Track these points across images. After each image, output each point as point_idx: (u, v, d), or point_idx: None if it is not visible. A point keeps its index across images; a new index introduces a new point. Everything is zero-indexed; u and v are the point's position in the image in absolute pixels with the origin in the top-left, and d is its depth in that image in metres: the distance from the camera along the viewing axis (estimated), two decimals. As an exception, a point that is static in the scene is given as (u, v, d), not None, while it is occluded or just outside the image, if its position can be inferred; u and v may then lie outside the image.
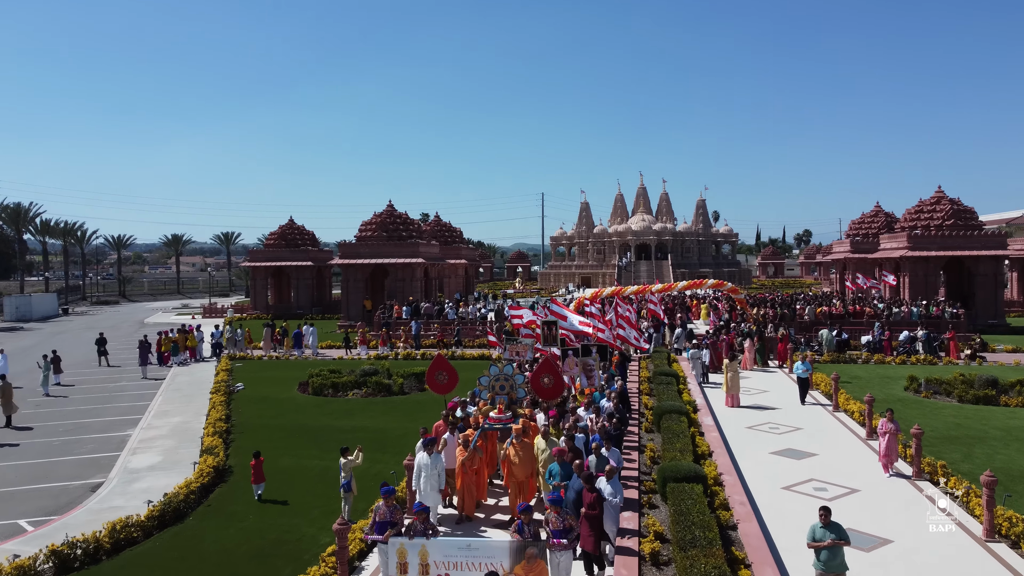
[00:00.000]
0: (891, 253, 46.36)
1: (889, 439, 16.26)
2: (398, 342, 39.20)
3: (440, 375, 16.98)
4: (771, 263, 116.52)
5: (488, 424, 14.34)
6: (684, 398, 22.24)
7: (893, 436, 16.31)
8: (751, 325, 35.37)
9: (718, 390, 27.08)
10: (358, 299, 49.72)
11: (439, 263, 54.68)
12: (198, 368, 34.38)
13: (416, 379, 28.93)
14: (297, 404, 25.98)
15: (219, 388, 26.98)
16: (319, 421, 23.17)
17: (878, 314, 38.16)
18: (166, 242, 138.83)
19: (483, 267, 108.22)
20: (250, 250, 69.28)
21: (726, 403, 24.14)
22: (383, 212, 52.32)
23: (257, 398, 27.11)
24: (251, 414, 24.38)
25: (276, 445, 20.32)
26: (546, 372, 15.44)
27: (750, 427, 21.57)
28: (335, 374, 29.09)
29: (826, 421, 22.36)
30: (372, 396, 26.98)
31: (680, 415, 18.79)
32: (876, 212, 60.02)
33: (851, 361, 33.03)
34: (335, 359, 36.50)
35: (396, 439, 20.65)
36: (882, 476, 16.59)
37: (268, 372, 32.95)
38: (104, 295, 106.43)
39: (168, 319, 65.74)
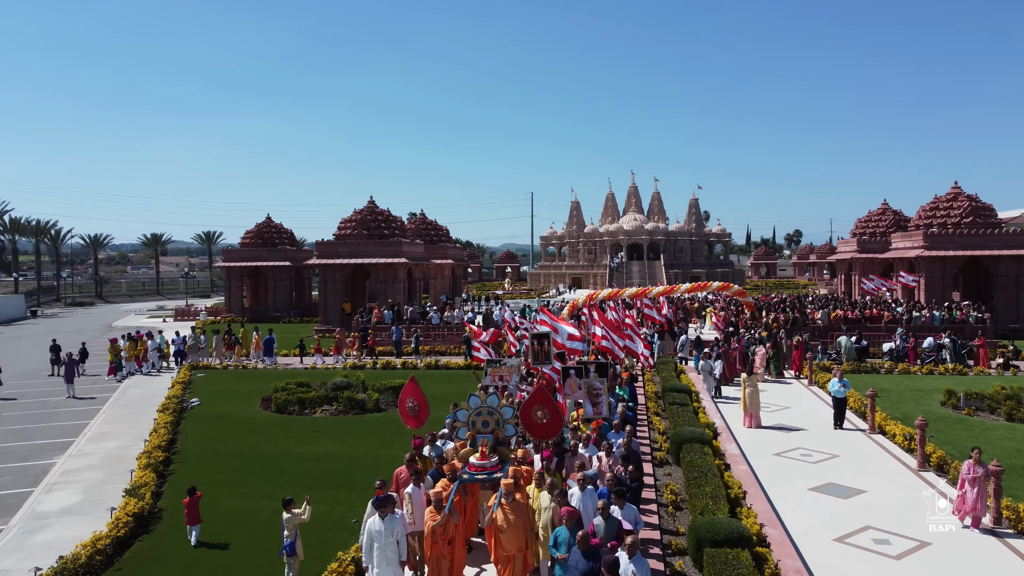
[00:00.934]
0: (905, 253, 43.54)
1: (979, 489, 13.06)
2: (350, 350, 35.64)
3: (410, 404, 13.81)
4: (764, 263, 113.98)
5: (467, 474, 11.10)
6: (701, 419, 19.18)
7: (983, 484, 13.12)
8: (761, 331, 32.40)
9: (733, 406, 24.09)
10: (337, 301, 46.52)
11: (424, 263, 51.51)
12: (154, 380, 31.04)
13: (394, 393, 25.79)
14: (257, 424, 22.79)
15: (168, 406, 23.71)
16: (278, 446, 19.98)
17: (897, 319, 35.27)
18: (145, 242, 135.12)
19: (471, 267, 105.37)
20: (224, 249, 65.69)
21: (745, 423, 21.12)
22: (364, 209, 49.07)
23: (213, 416, 23.91)
24: (201, 437, 21.17)
25: (222, 478, 17.17)
26: (540, 403, 11.99)
27: (778, 454, 18.55)
28: (303, 388, 25.92)
29: (864, 446, 19.36)
30: (343, 414, 23.82)
31: (702, 444, 15.75)
32: (883, 210, 57.19)
33: (873, 371, 30.09)
34: (307, 369, 33.29)
35: (366, 470, 17.52)
36: (954, 524, 13.55)
37: (230, 384, 29.70)
38: (80, 296, 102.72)
39: (139, 322, 62.31)
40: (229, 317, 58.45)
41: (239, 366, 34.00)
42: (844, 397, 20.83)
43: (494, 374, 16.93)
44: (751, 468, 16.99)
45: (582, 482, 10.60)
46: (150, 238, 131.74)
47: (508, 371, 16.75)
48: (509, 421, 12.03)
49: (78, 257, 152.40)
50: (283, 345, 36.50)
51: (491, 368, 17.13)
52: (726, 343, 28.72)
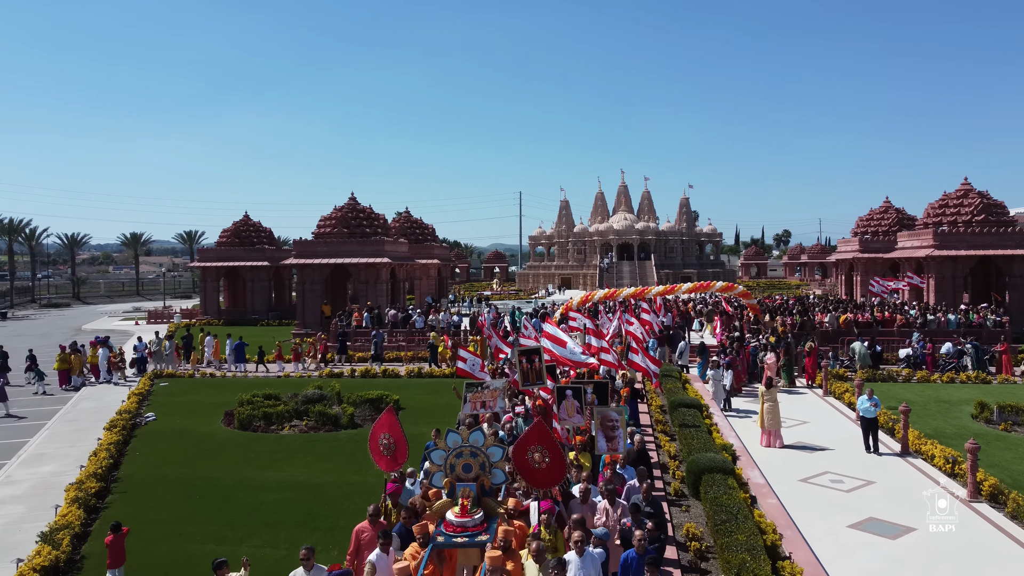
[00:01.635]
0: (913, 252, 41.46)
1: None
2: (308, 356, 32.94)
3: (384, 441, 11.21)
4: (754, 263, 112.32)
5: (443, 536, 8.64)
6: (717, 440, 16.88)
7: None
8: (768, 336, 30.16)
9: (745, 421, 21.87)
10: (316, 304, 44.01)
11: (408, 263, 49.07)
12: (110, 391, 28.41)
13: (371, 407, 23.45)
14: (216, 443, 20.33)
15: (117, 422, 21.17)
16: (236, 471, 17.56)
17: (911, 323, 33.14)
18: (125, 241, 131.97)
19: (459, 268, 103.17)
20: (199, 249, 62.97)
21: (763, 442, 18.86)
22: (344, 206, 46.56)
23: (168, 433, 21.45)
24: (150, 460, 18.72)
25: (165, 514, 14.76)
26: (538, 442, 9.37)
27: (806, 480, 16.30)
28: (270, 401, 23.47)
29: (900, 471, 17.12)
30: (315, 430, 21.40)
31: (725, 475, 13.46)
32: (886, 208, 55.14)
33: (890, 379, 27.95)
34: (280, 377, 30.80)
35: (333, 503, 15.18)
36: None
37: (195, 395, 27.19)
38: (56, 297, 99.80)
39: (110, 325, 59.60)
40: (204, 320, 55.82)
41: (207, 374, 31.46)
42: (875, 417, 18.38)
43: (475, 400, 13.82)
44: (780, 501, 14.70)
45: (580, 544, 8.20)
46: (130, 238, 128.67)
47: (492, 395, 13.69)
48: (498, 464, 9.43)
49: (61, 257, 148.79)
50: (254, 350, 33.99)
51: (471, 393, 14.08)
52: (734, 350, 26.43)
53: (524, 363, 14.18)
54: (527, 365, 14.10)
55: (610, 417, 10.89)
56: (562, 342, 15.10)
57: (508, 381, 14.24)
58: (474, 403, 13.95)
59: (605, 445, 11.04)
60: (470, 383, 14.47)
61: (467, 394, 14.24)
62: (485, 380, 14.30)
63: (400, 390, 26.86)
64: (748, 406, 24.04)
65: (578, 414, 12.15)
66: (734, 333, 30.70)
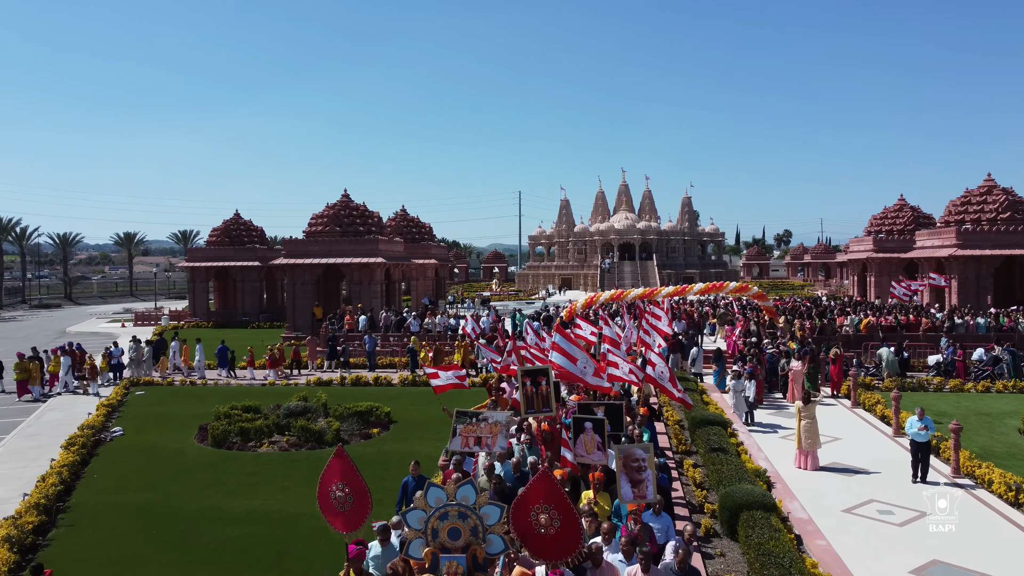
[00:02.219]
0: (934, 252, 39.48)
1: None
2: (280, 365, 30.56)
3: (338, 493, 8.42)
4: (756, 263, 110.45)
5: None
6: (748, 465, 14.85)
7: None
8: (787, 341, 28.11)
9: (770, 437, 19.88)
10: (307, 306, 41.95)
11: (404, 263, 47.02)
12: (80, 401, 26.27)
13: (360, 420, 21.45)
14: (185, 463, 18.30)
15: (76, 440, 19.10)
16: (203, 498, 15.53)
17: (937, 326, 31.14)
18: (119, 241, 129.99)
19: (458, 268, 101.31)
20: (188, 249, 60.92)
21: (799, 463, 16.83)
22: (337, 203, 44.49)
23: (134, 451, 19.42)
24: (108, 483, 16.69)
25: (114, 551, 12.75)
26: (544, 500, 7.25)
27: (850, 510, 14.28)
28: (249, 414, 21.43)
29: (956, 500, 15.01)
30: (296, 448, 19.36)
31: (766, 512, 11.48)
32: (900, 206, 53.06)
33: (920, 388, 25.92)
34: (264, 386, 28.76)
35: (308, 540, 13.15)
36: None
37: (170, 406, 25.17)
38: (47, 298, 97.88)
39: (96, 327, 57.62)
40: (193, 322, 53.87)
41: (187, 382, 29.41)
42: (928, 441, 16.20)
43: (467, 434, 10.77)
44: (828, 541, 12.65)
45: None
46: (123, 237, 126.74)
47: (491, 430, 10.73)
48: (495, 529, 7.35)
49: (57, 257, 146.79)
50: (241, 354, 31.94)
51: (463, 424, 10.94)
52: (754, 358, 24.40)
53: (528, 386, 11.75)
54: (531, 388, 11.69)
55: (635, 456, 8.74)
56: (574, 357, 13.00)
57: (511, 415, 11.74)
58: (466, 438, 10.94)
59: (630, 491, 8.77)
60: (462, 412, 11.26)
61: (457, 425, 11.13)
62: (484, 412, 11.34)
63: (392, 401, 24.87)
64: (771, 419, 22.05)
65: (599, 451, 10.04)
66: (751, 338, 28.66)
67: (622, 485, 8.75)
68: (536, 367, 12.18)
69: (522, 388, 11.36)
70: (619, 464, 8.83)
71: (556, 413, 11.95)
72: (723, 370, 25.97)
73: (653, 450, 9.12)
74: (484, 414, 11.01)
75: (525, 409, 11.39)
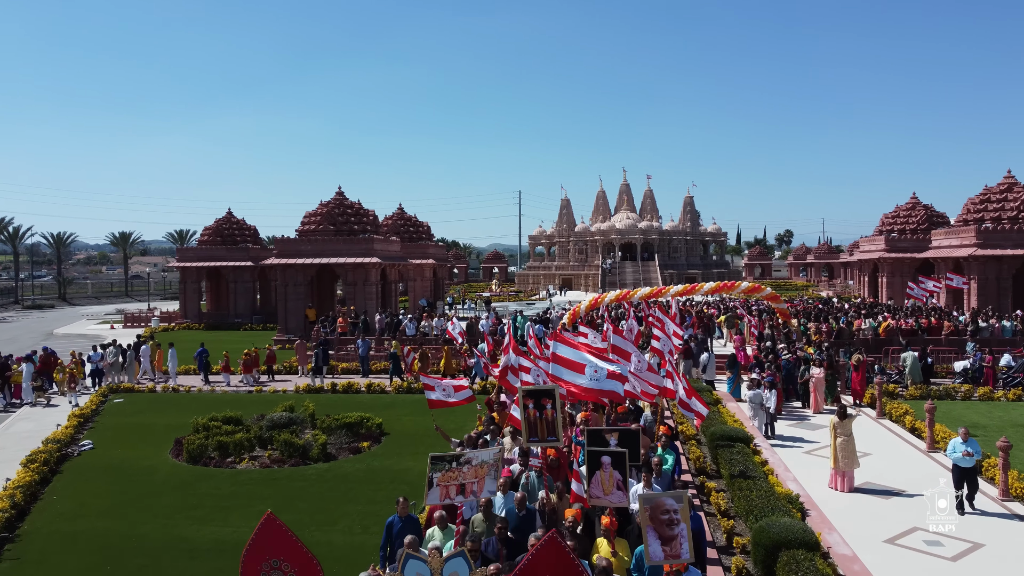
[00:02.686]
0: (952, 252, 37.91)
1: None
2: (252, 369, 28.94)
3: (273, 573, 6.38)
4: (758, 263, 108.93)
5: None
6: (778, 489, 13.26)
7: None
8: (804, 346, 26.52)
9: (793, 451, 18.32)
10: (299, 308, 40.37)
11: (400, 263, 45.43)
12: (52, 412, 24.62)
13: (349, 433, 19.85)
14: (156, 482, 16.71)
15: (38, 456, 17.48)
16: (170, 525, 13.95)
17: (960, 330, 29.58)
18: (114, 241, 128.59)
19: (457, 268, 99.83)
20: (179, 248, 59.33)
21: (834, 485, 15.24)
22: (331, 201, 42.89)
23: (103, 467, 17.85)
24: (67, 508, 15.11)
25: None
26: (553, 558, 5.75)
27: (893, 541, 12.70)
28: (229, 426, 19.85)
29: (1011, 530, 13.51)
30: (278, 464, 17.75)
31: (808, 550, 9.91)
32: (913, 204, 51.39)
33: (947, 396, 24.33)
34: (252, 392, 27.18)
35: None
36: None
37: (149, 416, 23.59)
38: (41, 298, 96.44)
39: (85, 328, 56.04)
40: (184, 323, 52.33)
41: (170, 388, 27.80)
42: (974, 466, 14.51)
43: (446, 483, 8.72)
44: None
45: None
46: (118, 237, 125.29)
47: (476, 473, 8.80)
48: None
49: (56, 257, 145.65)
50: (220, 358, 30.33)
51: (439, 472, 8.77)
52: (772, 364, 22.80)
53: (531, 408, 9.68)
54: (534, 412, 9.63)
55: (665, 508, 6.96)
56: (580, 367, 11.34)
57: (500, 451, 9.81)
58: (445, 488, 8.74)
59: (660, 550, 6.88)
60: (438, 457, 8.97)
61: (433, 474, 8.84)
62: (467, 453, 9.44)
63: (385, 410, 23.31)
64: (792, 431, 20.48)
65: (619, 490, 8.39)
66: (766, 343, 27.07)
67: (650, 542, 7.08)
68: (539, 387, 10.35)
69: (523, 411, 9.57)
70: (645, 517, 7.18)
71: (564, 445, 10.28)
72: (737, 377, 24.38)
73: (688, 499, 7.46)
74: (467, 455, 9.14)
75: (527, 437, 9.67)
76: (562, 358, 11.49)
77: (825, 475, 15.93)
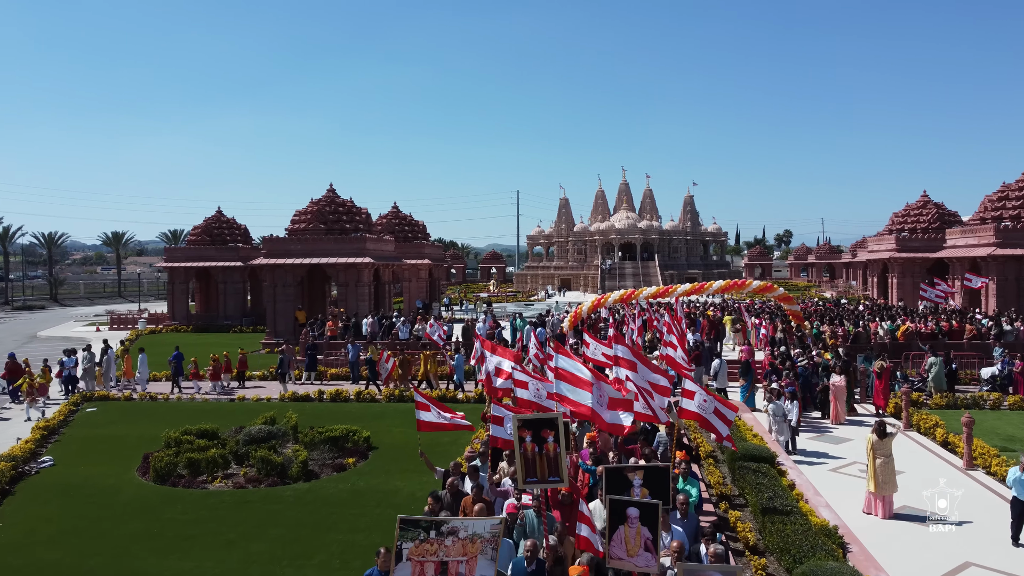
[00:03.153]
0: (969, 251, 36.38)
1: None
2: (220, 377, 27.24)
3: None
4: (758, 264, 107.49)
5: None
6: (812, 520, 11.67)
7: None
8: (821, 351, 24.92)
9: (819, 469, 16.73)
10: (288, 310, 38.75)
11: (394, 263, 43.83)
12: (15, 423, 23.11)
13: (333, 448, 18.28)
14: (116, 506, 15.08)
15: (-13, 475, 15.95)
16: (126, 559, 12.34)
17: (983, 333, 28.03)
18: (106, 240, 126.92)
19: (455, 268, 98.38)
20: (166, 248, 57.69)
21: (871, 510, 13.64)
22: (322, 199, 41.27)
23: (61, 488, 16.23)
24: (13, 537, 13.44)
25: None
26: None
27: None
28: (203, 440, 18.27)
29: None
30: (254, 484, 16.15)
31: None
32: (924, 203, 49.78)
33: (974, 405, 22.78)
34: (235, 401, 25.56)
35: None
36: None
37: (121, 427, 21.99)
38: (33, 299, 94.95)
39: (71, 330, 54.34)
40: (172, 325, 50.67)
41: (148, 395, 26.19)
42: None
43: (421, 557, 6.67)
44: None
45: None
46: (111, 237, 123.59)
47: (464, 550, 6.71)
48: None
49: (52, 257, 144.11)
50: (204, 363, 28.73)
51: (409, 543, 6.74)
52: (790, 372, 21.20)
53: (528, 442, 7.80)
54: (532, 447, 7.76)
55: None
56: (586, 384, 9.70)
57: (499, 524, 6.89)
58: (419, 566, 6.73)
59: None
60: (408, 521, 6.98)
61: (402, 544, 6.82)
62: (451, 521, 7.02)
63: (375, 421, 21.76)
64: (814, 445, 18.90)
65: (647, 552, 6.78)
66: (779, 348, 25.49)
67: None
68: (539, 415, 8.43)
69: (519, 445, 7.82)
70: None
71: (570, 483, 8.49)
72: (751, 385, 22.81)
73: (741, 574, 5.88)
74: (451, 523, 7.00)
75: (523, 477, 7.93)
76: (566, 373, 9.84)
77: (856, 496, 14.39)
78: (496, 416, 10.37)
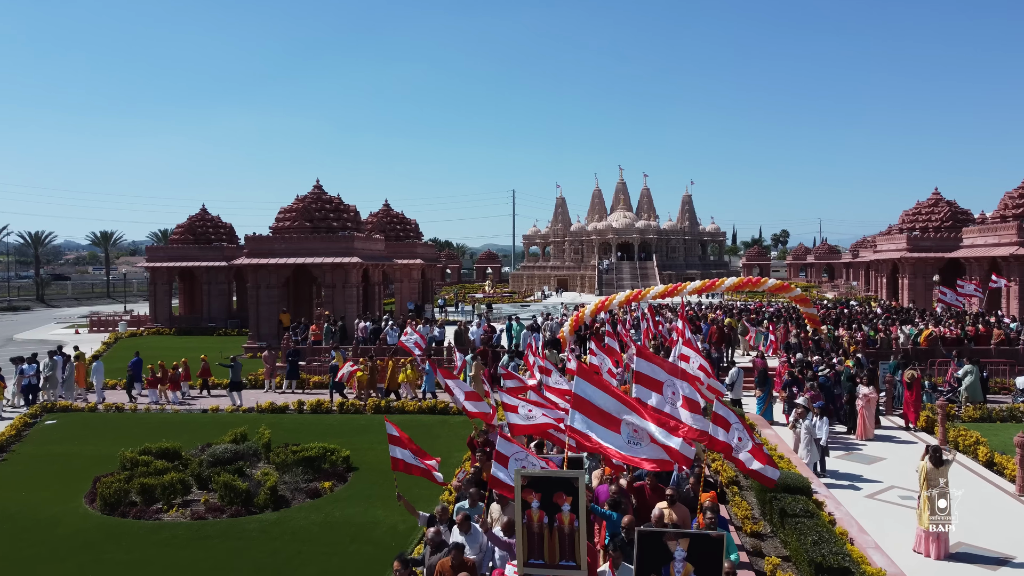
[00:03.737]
0: (987, 251, 34.57)
1: None
2: (166, 388, 25.13)
3: None
4: (756, 264, 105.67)
5: None
6: (864, 566, 9.77)
7: None
8: (842, 360, 22.98)
9: (854, 495, 14.83)
10: (272, 312, 36.75)
11: (384, 263, 41.87)
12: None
13: (308, 469, 16.29)
14: (52, 542, 13.10)
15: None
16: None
17: (1011, 338, 26.19)
18: (95, 240, 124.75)
19: (450, 268, 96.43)
20: (148, 248, 55.63)
21: (921, 548, 11.75)
22: (308, 195, 39.27)
23: (-5, 519, 14.28)
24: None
25: None
26: None
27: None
28: (162, 461, 16.29)
29: None
30: (215, 514, 14.18)
31: None
32: (935, 201, 47.86)
33: (1010, 418, 20.89)
34: (207, 412, 23.57)
35: None
36: None
37: (76, 444, 19.99)
38: (18, 300, 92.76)
39: (50, 333, 52.23)
40: (154, 328, 48.63)
41: (113, 406, 24.20)
42: None
43: None
44: None
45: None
46: (99, 236, 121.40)
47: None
48: None
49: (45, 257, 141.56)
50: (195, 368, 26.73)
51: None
52: (814, 384, 19.26)
53: (535, 509, 5.96)
54: (539, 516, 5.92)
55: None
56: (614, 421, 7.59)
57: None
58: None
59: None
60: None
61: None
62: None
63: (357, 436, 19.86)
64: (845, 465, 17.03)
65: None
66: (796, 355, 23.57)
67: None
68: (550, 472, 6.34)
69: (520, 512, 5.97)
70: None
71: (587, 571, 6.45)
72: (769, 396, 20.90)
73: None
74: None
75: (525, 557, 6.01)
76: (588, 404, 7.73)
77: (902, 530, 12.52)
78: (500, 453, 8.30)
